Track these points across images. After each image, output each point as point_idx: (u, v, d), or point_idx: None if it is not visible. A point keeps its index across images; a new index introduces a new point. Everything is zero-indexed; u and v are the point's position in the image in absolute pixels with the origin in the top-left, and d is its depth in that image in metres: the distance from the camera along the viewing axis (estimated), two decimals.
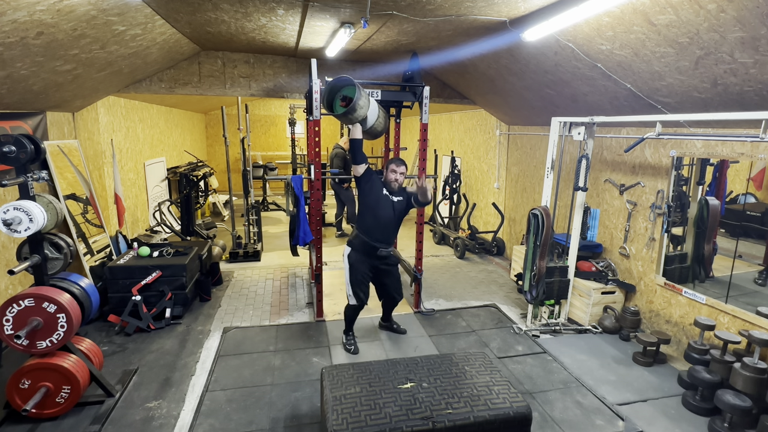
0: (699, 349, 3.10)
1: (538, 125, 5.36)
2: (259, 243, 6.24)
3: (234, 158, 10.49)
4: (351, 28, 3.63)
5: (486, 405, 2.24)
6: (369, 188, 3.35)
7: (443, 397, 2.30)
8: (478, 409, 2.21)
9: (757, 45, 2.28)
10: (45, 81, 3.30)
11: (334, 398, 2.26)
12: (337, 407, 2.20)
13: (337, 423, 2.10)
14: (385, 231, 3.38)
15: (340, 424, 2.10)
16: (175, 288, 4.10)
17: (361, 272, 3.44)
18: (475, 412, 2.20)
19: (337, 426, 2.09)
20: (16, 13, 2.30)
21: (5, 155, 2.53)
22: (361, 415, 2.15)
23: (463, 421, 2.16)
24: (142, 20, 3.21)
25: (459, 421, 2.15)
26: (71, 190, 4.13)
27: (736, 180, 3.46)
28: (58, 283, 2.80)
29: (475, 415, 2.18)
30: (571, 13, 2.65)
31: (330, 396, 2.28)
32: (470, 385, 2.40)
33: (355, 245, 3.43)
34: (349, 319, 3.64)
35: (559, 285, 4.06)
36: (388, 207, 3.35)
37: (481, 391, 2.35)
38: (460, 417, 2.17)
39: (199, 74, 5.09)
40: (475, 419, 2.17)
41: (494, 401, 2.27)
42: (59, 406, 2.69)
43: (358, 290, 3.46)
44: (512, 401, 2.28)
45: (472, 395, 2.31)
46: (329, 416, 2.15)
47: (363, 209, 3.40)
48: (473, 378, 2.46)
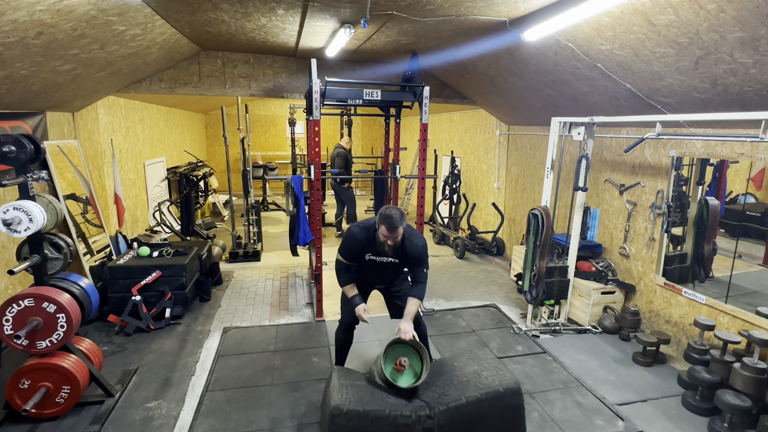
0: (699, 349, 3.10)
1: (538, 125, 5.36)
2: (259, 243, 6.24)
3: (234, 158, 10.49)
4: (351, 28, 3.63)
5: (477, 387, 2.35)
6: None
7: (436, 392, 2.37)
8: (470, 391, 2.32)
9: (756, 45, 2.28)
10: (45, 81, 3.30)
11: (341, 384, 2.32)
12: (342, 389, 2.27)
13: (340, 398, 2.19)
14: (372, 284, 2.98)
15: (344, 400, 2.18)
16: (175, 288, 4.10)
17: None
18: (467, 393, 2.31)
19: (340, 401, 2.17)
20: (16, 13, 2.29)
21: (5, 155, 2.53)
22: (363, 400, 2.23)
23: (456, 403, 2.26)
24: (141, 20, 3.21)
25: (453, 403, 2.26)
26: (71, 190, 4.13)
27: (735, 180, 3.46)
28: (57, 283, 2.80)
29: (467, 396, 2.29)
30: (571, 13, 2.65)
31: (337, 383, 2.33)
32: (460, 374, 2.48)
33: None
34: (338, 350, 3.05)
35: (559, 285, 4.06)
36: (374, 268, 2.83)
37: (470, 377, 2.44)
38: (453, 400, 2.27)
39: (199, 74, 5.08)
40: (467, 399, 2.28)
41: (484, 383, 2.38)
42: (59, 406, 2.69)
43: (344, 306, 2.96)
44: (500, 380, 2.39)
45: (462, 382, 2.40)
46: (334, 395, 2.22)
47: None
48: (463, 369, 2.53)
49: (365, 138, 12.79)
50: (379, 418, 2.16)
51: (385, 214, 2.54)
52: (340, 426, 2.12)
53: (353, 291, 2.76)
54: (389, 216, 2.53)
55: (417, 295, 2.72)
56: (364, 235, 2.70)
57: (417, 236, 2.74)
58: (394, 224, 2.52)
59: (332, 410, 2.14)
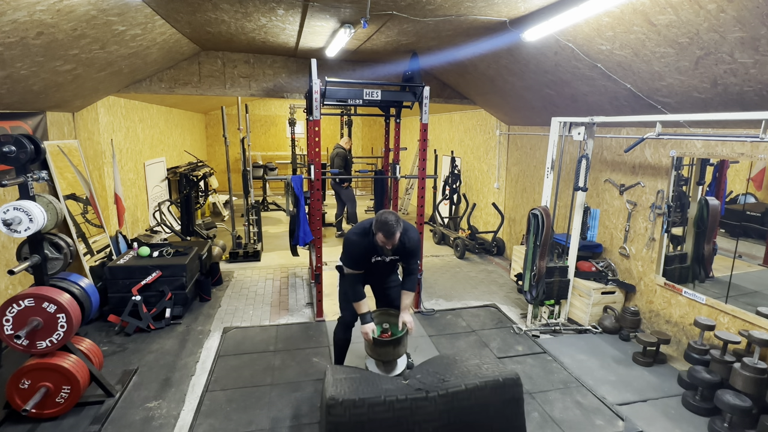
0: (699, 349, 3.10)
1: (538, 125, 5.36)
2: (259, 243, 6.24)
3: (234, 158, 10.49)
4: (351, 28, 3.63)
5: (476, 376, 2.35)
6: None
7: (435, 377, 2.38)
8: (469, 379, 2.32)
9: (757, 45, 2.28)
10: (45, 81, 3.30)
11: (335, 379, 2.33)
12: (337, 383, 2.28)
13: (335, 390, 2.19)
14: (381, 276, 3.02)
15: (338, 391, 2.18)
16: (175, 288, 4.10)
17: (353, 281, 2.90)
18: (467, 381, 2.31)
19: (335, 393, 2.17)
20: (16, 13, 2.30)
21: (5, 155, 2.53)
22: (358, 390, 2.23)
23: (455, 389, 2.26)
24: (142, 20, 3.21)
25: (452, 388, 2.26)
26: (71, 190, 4.13)
27: (736, 180, 3.46)
28: (58, 283, 2.80)
29: (467, 383, 2.29)
30: (571, 13, 2.65)
31: (332, 378, 2.34)
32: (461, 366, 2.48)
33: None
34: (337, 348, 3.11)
35: (559, 285, 4.06)
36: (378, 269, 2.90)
37: (471, 368, 2.44)
38: (452, 386, 2.27)
39: (199, 74, 5.08)
40: (467, 386, 2.28)
41: (484, 373, 2.38)
42: (59, 406, 2.69)
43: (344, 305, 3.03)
44: (501, 371, 2.39)
45: (463, 372, 2.40)
46: (328, 388, 2.22)
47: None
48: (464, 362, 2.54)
49: (365, 138, 12.79)
50: (375, 405, 2.16)
51: (381, 220, 2.56)
52: (336, 416, 2.12)
53: (365, 308, 2.77)
54: (385, 222, 2.55)
55: (411, 288, 2.88)
56: (365, 241, 2.72)
57: (412, 230, 2.84)
58: (391, 231, 2.54)
59: (328, 401, 2.14)
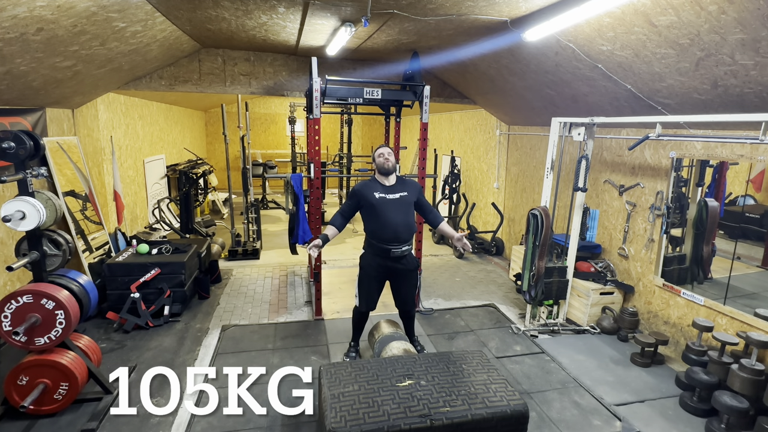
0: (697, 351, 3.11)
1: (538, 125, 5.36)
2: (258, 241, 6.24)
3: (234, 156, 10.47)
4: (352, 26, 3.62)
5: (483, 403, 2.25)
6: (361, 204, 3.20)
7: (441, 395, 2.30)
8: (476, 407, 2.22)
9: (757, 47, 2.28)
10: (45, 77, 3.29)
11: (332, 396, 2.26)
12: (335, 405, 2.20)
13: (335, 421, 2.10)
14: (394, 230, 3.14)
15: (339, 421, 2.09)
16: (174, 285, 4.10)
17: (369, 276, 3.25)
18: (473, 410, 2.20)
19: (336, 423, 2.08)
20: (16, 8, 2.29)
21: (4, 151, 2.52)
22: (359, 413, 2.15)
23: (461, 419, 2.16)
24: (142, 17, 3.20)
25: (457, 419, 2.16)
26: (70, 187, 4.13)
27: (735, 182, 3.46)
28: (56, 280, 2.80)
29: (473, 413, 2.19)
30: (572, 13, 2.65)
31: (328, 394, 2.28)
32: (468, 383, 2.40)
33: (367, 249, 3.28)
34: (355, 325, 3.46)
35: (558, 285, 4.06)
36: (388, 208, 3.14)
37: (478, 389, 2.35)
38: (457, 415, 2.17)
39: (199, 72, 5.08)
40: (473, 417, 2.17)
41: (491, 399, 2.28)
42: (57, 403, 2.69)
43: (363, 294, 3.30)
44: (509, 399, 2.29)
45: (469, 393, 2.32)
46: (327, 414, 2.15)
47: (365, 217, 3.27)
48: (471, 376, 2.47)
49: (365, 137, 12.78)
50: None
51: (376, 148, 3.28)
52: None
53: (329, 231, 3.13)
54: (379, 146, 3.28)
55: (440, 220, 3.36)
56: (365, 182, 3.25)
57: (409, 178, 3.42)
58: (380, 147, 3.26)
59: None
